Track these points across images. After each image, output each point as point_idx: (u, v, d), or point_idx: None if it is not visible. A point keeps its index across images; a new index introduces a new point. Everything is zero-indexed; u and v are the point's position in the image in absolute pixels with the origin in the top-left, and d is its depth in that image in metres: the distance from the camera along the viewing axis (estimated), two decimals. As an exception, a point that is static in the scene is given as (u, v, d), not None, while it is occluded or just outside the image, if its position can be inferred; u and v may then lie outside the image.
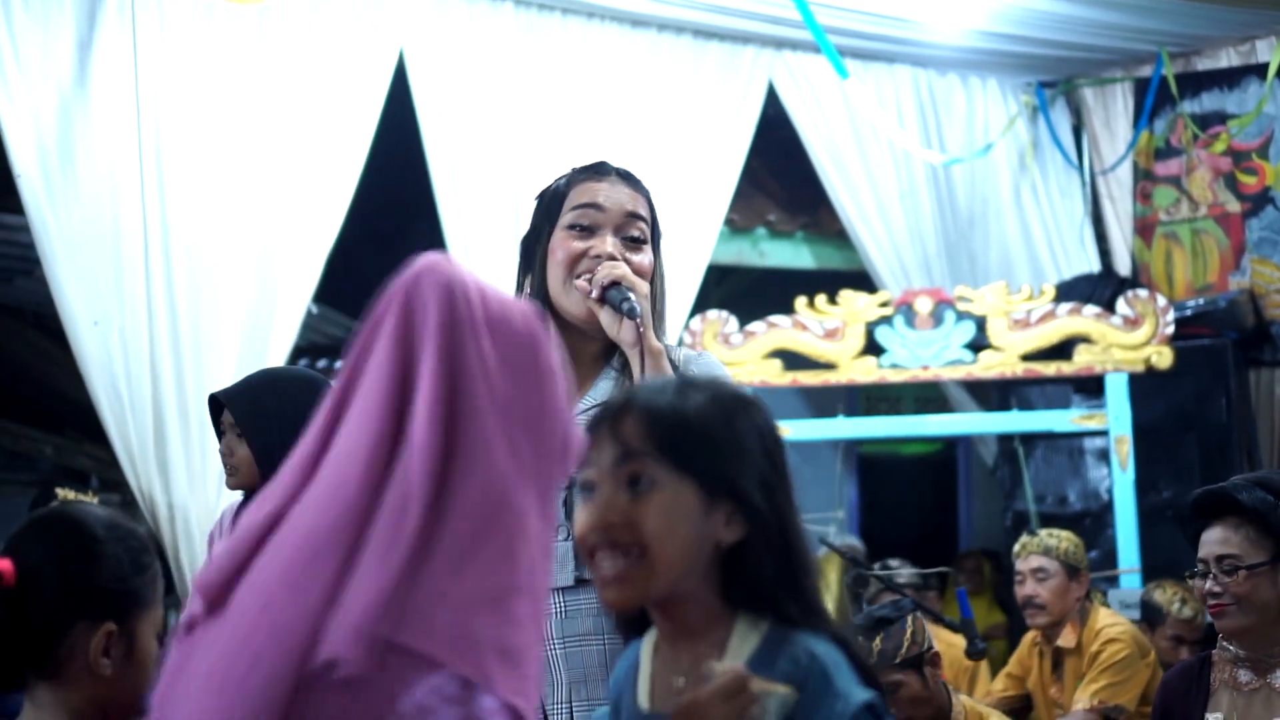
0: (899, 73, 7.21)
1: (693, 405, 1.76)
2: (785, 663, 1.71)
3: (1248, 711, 3.13)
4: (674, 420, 1.74)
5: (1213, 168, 7.12)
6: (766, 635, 1.74)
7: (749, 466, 1.75)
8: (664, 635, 1.82)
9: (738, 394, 1.83)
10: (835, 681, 1.69)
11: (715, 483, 1.73)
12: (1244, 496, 3.16)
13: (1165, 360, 6.37)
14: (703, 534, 1.72)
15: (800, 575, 1.76)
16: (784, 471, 1.79)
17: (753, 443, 1.76)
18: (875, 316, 6.53)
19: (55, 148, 5.07)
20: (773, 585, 1.74)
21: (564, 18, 6.24)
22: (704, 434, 1.74)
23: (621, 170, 2.75)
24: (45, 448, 8.71)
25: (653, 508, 1.71)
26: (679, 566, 1.72)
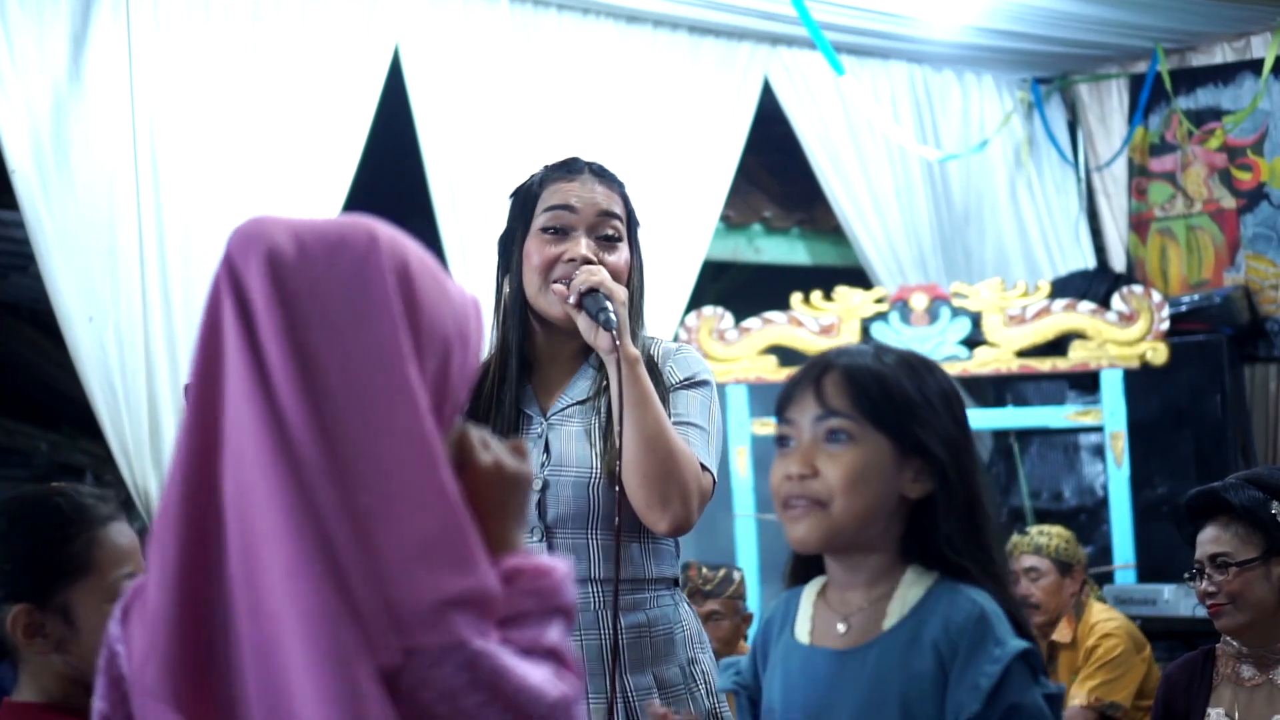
0: (894, 69, 7.20)
1: (889, 367, 1.90)
2: (946, 608, 1.83)
3: (1250, 706, 3.14)
4: (873, 379, 1.88)
5: (1208, 164, 7.12)
6: (931, 587, 1.87)
7: (937, 425, 1.88)
8: (835, 581, 1.95)
9: (924, 358, 1.97)
10: (995, 629, 1.80)
11: (907, 440, 1.87)
12: (1232, 496, 3.18)
13: (1160, 356, 6.38)
14: (891, 488, 1.86)
15: (980, 532, 1.88)
16: (968, 431, 1.94)
17: (940, 403, 1.90)
18: (871, 313, 6.53)
19: (50, 143, 5.06)
20: (950, 539, 1.86)
21: (559, 14, 6.24)
22: (899, 393, 1.88)
23: (594, 166, 2.74)
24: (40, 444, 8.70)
25: (849, 461, 1.85)
26: (864, 518, 1.86)
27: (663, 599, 2.69)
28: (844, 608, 1.92)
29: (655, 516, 2.54)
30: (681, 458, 2.54)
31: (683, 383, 2.69)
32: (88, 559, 2.11)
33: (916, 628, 1.83)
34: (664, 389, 2.64)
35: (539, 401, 2.68)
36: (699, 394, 2.69)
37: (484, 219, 5.87)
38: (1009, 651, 1.77)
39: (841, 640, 1.90)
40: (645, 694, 2.60)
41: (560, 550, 2.58)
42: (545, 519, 2.59)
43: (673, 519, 2.55)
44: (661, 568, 2.69)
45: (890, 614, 1.86)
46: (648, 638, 2.64)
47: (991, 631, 1.79)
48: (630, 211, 2.76)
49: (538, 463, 2.61)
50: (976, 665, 1.77)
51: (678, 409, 2.64)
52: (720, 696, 2.73)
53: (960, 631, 1.80)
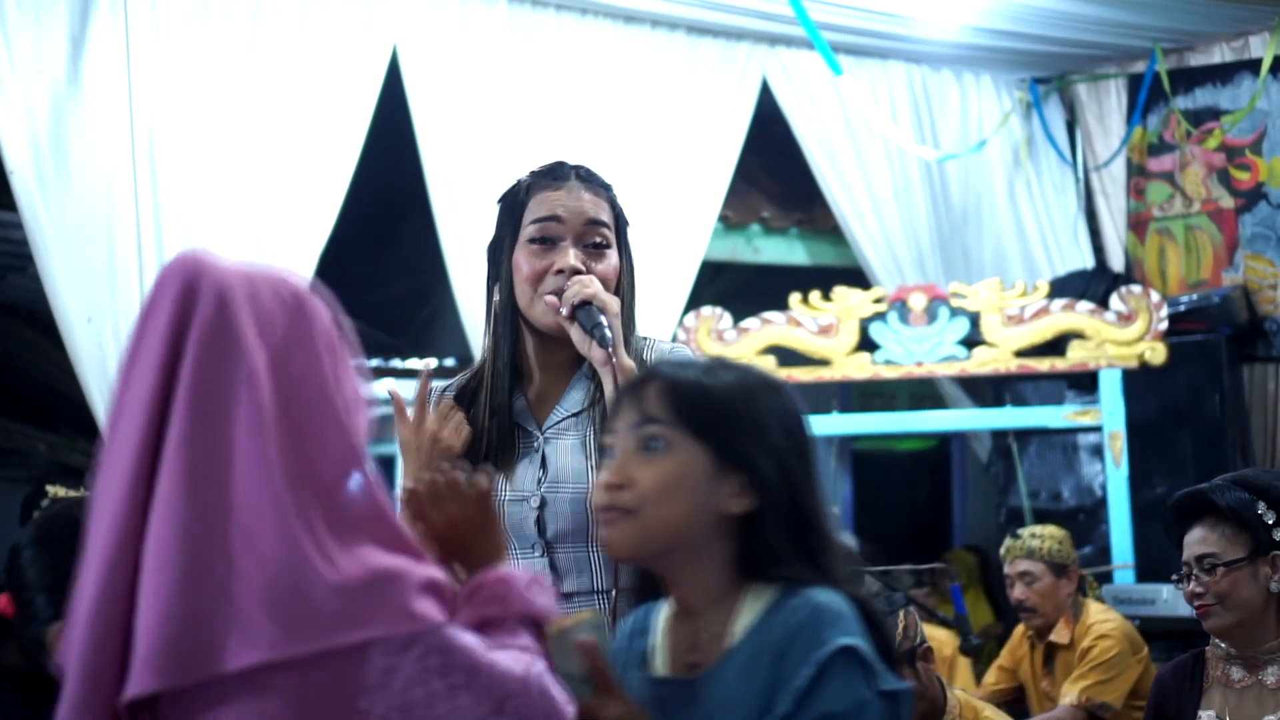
0: (893, 69, 7.20)
1: (715, 378, 1.84)
2: (786, 614, 1.76)
3: (1240, 708, 3.14)
4: (694, 389, 1.83)
5: (1206, 163, 7.12)
6: (773, 599, 1.79)
7: (764, 443, 1.81)
8: (679, 607, 1.88)
9: (765, 377, 1.90)
10: (823, 627, 1.72)
11: (727, 453, 1.80)
12: (1218, 497, 3.18)
13: (1159, 356, 6.37)
14: (708, 500, 1.79)
15: (815, 550, 1.81)
16: (805, 454, 1.86)
17: (772, 422, 1.84)
18: (869, 313, 6.53)
19: (48, 144, 5.06)
20: (780, 555, 1.79)
21: (558, 14, 6.24)
22: (721, 404, 1.82)
23: (581, 171, 2.72)
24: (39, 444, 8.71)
25: (660, 469, 1.80)
26: (678, 527, 1.79)
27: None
28: (693, 637, 1.85)
29: None
30: None
31: None
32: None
33: (761, 640, 1.76)
34: None
35: (534, 414, 2.67)
36: None
37: (482, 219, 5.84)
38: (828, 649, 1.70)
39: (693, 670, 1.83)
40: None
41: (562, 564, 2.58)
42: (545, 535, 2.58)
43: None
44: None
45: (734, 633, 1.79)
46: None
47: (819, 629, 1.72)
48: (619, 214, 2.74)
49: (534, 479, 2.60)
50: (796, 665, 1.71)
51: None
52: None
53: (794, 632, 1.73)
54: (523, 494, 2.58)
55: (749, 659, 1.76)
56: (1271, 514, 3.15)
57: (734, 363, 1.93)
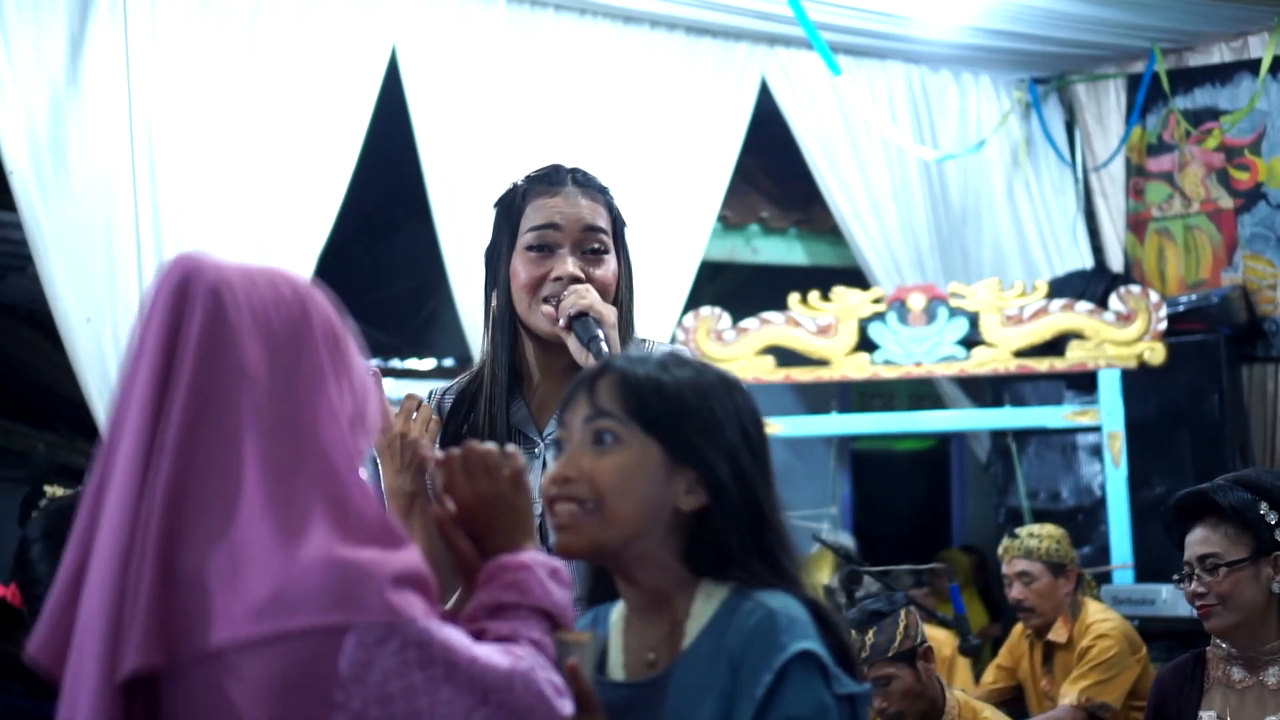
0: (892, 69, 7.21)
1: (668, 373, 1.83)
2: (740, 617, 1.74)
3: (1240, 709, 3.14)
4: (646, 384, 1.81)
5: (1205, 164, 7.13)
6: (726, 599, 1.77)
7: (717, 440, 1.80)
8: (632, 607, 1.87)
9: (722, 374, 1.88)
10: (780, 632, 1.71)
11: (680, 449, 1.79)
12: (1220, 497, 3.18)
13: (1158, 356, 6.38)
14: (661, 495, 1.78)
15: (768, 547, 1.80)
16: (760, 454, 1.84)
17: (727, 419, 1.82)
18: (868, 313, 6.53)
19: (47, 144, 5.07)
20: (729, 552, 1.78)
21: (556, 14, 6.24)
22: (674, 400, 1.81)
23: (578, 175, 2.71)
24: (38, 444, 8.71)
25: (612, 463, 1.78)
26: (632, 522, 1.78)
27: None
28: (647, 637, 1.84)
29: None
30: None
31: None
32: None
33: (716, 641, 1.74)
34: None
35: (535, 420, 2.67)
36: None
37: (481, 219, 5.84)
38: (786, 654, 1.68)
39: (649, 671, 1.82)
40: None
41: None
42: (548, 542, 2.59)
43: None
44: None
45: (688, 633, 1.78)
46: None
47: (775, 634, 1.71)
48: (616, 217, 2.73)
49: (537, 486, 2.60)
50: (755, 671, 1.69)
51: None
52: None
53: (749, 637, 1.71)
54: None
55: (705, 661, 1.75)
56: (1274, 514, 3.14)
57: (690, 359, 1.92)
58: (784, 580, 1.79)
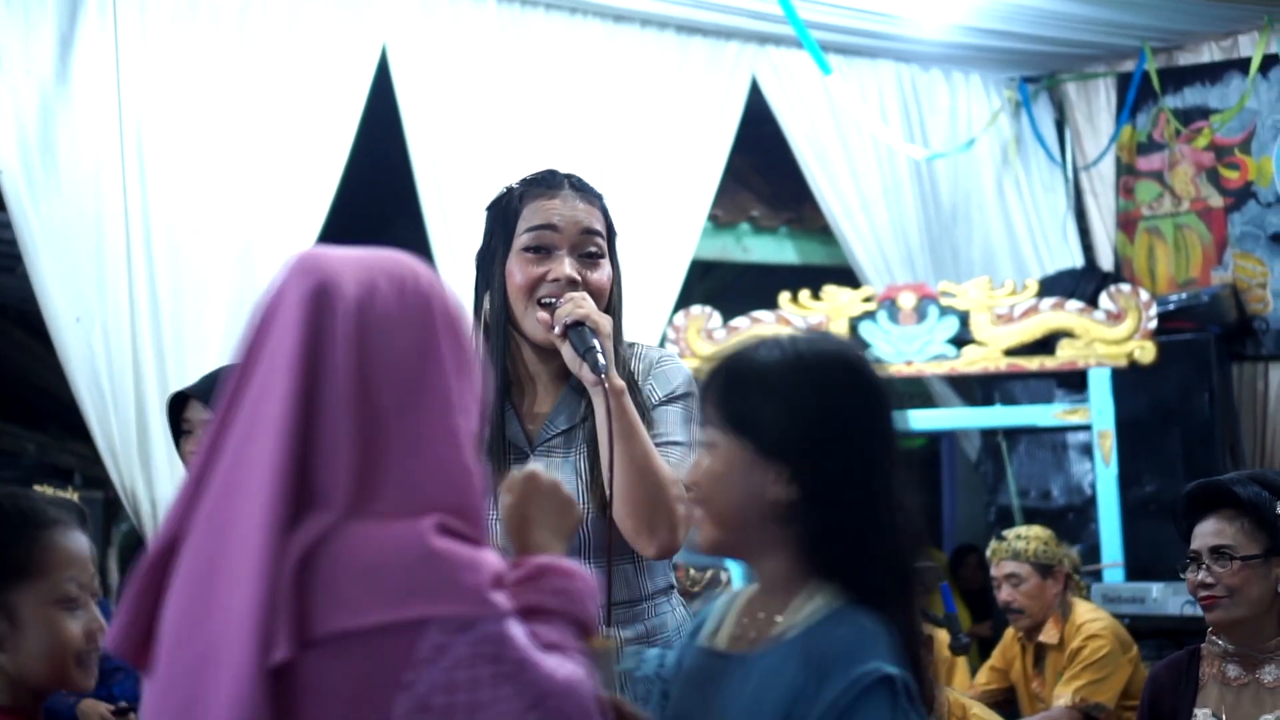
0: (882, 68, 7.21)
1: (753, 365, 1.86)
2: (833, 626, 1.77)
3: (1236, 706, 3.13)
4: (730, 380, 1.86)
5: (1195, 163, 7.13)
6: (826, 602, 1.80)
7: (795, 426, 1.80)
8: (759, 586, 1.91)
9: (821, 355, 1.87)
10: (864, 652, 1.73)
11: (764, 443, 1.81)
12: (1240, 490, 3.16)
13: (1148, 355, 6.38)
14: (752, 491, 1.81)
15: (858, 543, 1.80)
16: (859, 437, 1.82)
17: (813, 403, 1.82)
18: (859, 312, 6.54)
19: (37, 143, 5.05)
20: (816, 546, 1.80)
21: (547, 13, 6.23)
22: (754, 392, 1.83)
23: (574, 180, 2.71)
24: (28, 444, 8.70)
25: (709, 468, 1.84)
26: (727, 523, 1.84)
27: (660, 607, 2.70)
28: (755, 614, 1.89)
29: (644, 543, 2.55)
30: (668, 486, 2.54)
31: (664, 399, 2.67)
32: (33, 561, 2.12)
33: (808, 640, 1.77)
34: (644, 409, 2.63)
35: (524, 429, 2.67)
36: (680, 408, 2.68)
37: (472, 219, 5.84)
38: (867, 675, 1.71)
39: (743, 645, 1.87)
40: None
41: None
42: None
43: (660, 545, 2.55)
44: (656, 581, 2.70)
45: (791, 625, 1.81)
46: (647, 647, 2.64)
47: (859, 654, 1.73)
48: (610, 224, 2.74)
49: None
50: (834, 685, 1.71)
51: (659, 427, 2.63)
52: None
53: (836, 650, 1.74)
54: None
55: (790, 655, 1.78)
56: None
57: (787, 341, 1.89)
58: (875, 590, 1.79)
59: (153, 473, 5.14)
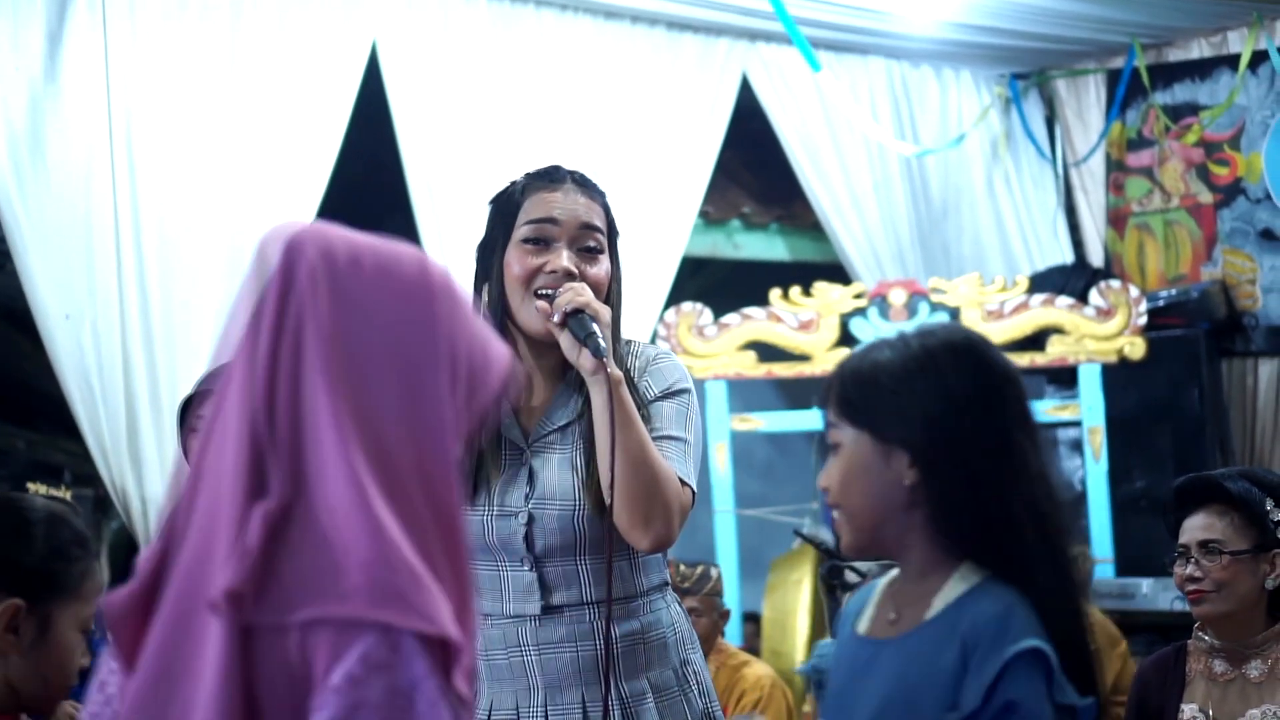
0: (872, 64, 7.21)
1: (869, 360, 1.90)
2: (978, 605, 1.81)
3: (1223, 702, 3.14)
4: (849, 377, 1.91)
5: (1185, 159, 7.15)
6: (977, 584, 1.83)
7: (911, 412, 1.84)
8: (904, 576, 1.95)
9: (932, 341, 1.90)
10: (1012, 627, 1.77)
11: (883, 431, 1.86)
12: (1230, 485, 3.16)
13: (1138, 351, 6.40)
14: (885, 481, 1.86)
15: (997, 521, 1.83)
16: (975, 415, 1.85)
17: (923, 385, 1.85)
18: (850, 308, 6.54)
19: (26, 141, 5.04)
20: (949, 529, 1.84)
21: (537, 10, 6.23)
22: (870, 384, 1.87)
23: (577, 176, 2.71)
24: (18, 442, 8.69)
25: (838, 468, 1.90)
26: (867, 517, 1.88)
27: (655, 604, 2.69)
28: (898, 599, 1.94)
29: (638, 535, 2.54)
30: (664, 478, 2.54)
31: (660, 394, 2.68)
32: (81, 584, 2.16)
33: (953, 622, 1.81)
34: (641, 403, 2.63)
35: (520, 424, 2.66)
36: (676, 403, 2.67)
37: (462, 215, 5.86)
38: (1016, 648, 1.75)
39: (888, 630, 1.92)
40: (640, 699, 2.61)
41: (551, 578, 2.58)
42: (534, 550, 2.58)
43: (655, 538, 2.55)
44: (650, 578, 2.70)
45: (934, 606, 1.85)
46: (641, 644, 2.64)
47: (1008, 629, 1.77)
48: (611, 222, 2.74)
49: (522, 495, 2.59)
50: (986, 662, 1.76)
51: (656, 422, 2.63)
52: (712, 695, 2.74)
53: (984, 627, 1.78)
54: (510, 510, 2.57)
55: (940, 637, 1.82)
56: (1278, 512, 3.14)
57: (900, 337, 1.93)
58: (1015, 565, 1.82)
59: (143, 470, 5.14)
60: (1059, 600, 1.83)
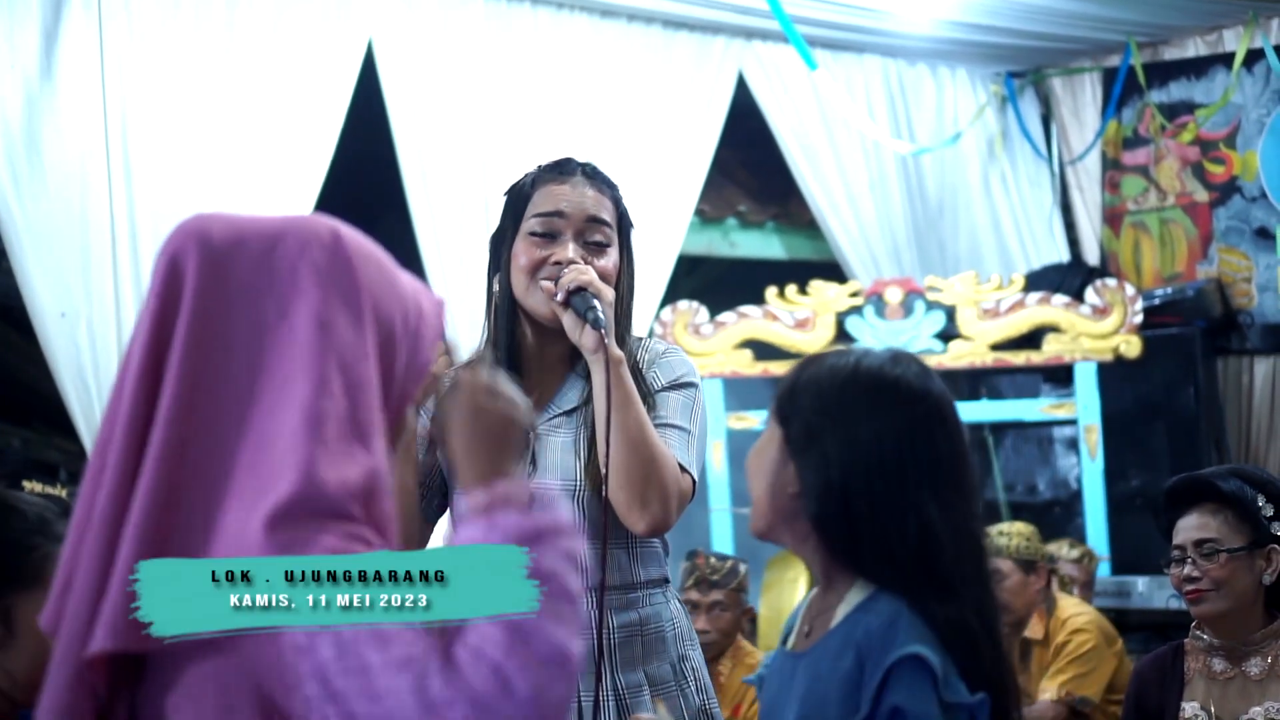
0: (868, 63, 7.21)
1: (813, 369, 1.95)
2: (870, 615, 1.85)
3: (1223, 700, 3.14)
4: (791, 376, 1.97)
5: (1180, 157, 7.15)
6: (870, 594, 1.88)
7: (821, 439, 1.89)
8: (817, 586, 2.01)
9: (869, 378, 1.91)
10: (898, 635, 1.81)
11: (789, 440, 1.91)
12: (1222, 484, 3.17)
13: (1134, 349, 6.40)
14: (779, 482, 1.92)
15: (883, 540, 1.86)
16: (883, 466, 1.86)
17: (834, 425, 1.88)
18: (845, 306, 6.54)
19: (21, 139, 5.03)
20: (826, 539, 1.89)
21: (533, 8, 6.23)
22: (796, 392, 1.93)
23: (588, 168, 2.74)
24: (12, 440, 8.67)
25: (755, 447, 1.97)
26: (763, 507, 1.94)
27: (654, 597, 2.70)
28: (811, 611, 1.99)
29: (634, 517, 2.55)
30: (662, 460, 2.54)
31: (667, 385, 2.69)
32: (40, 573, 2.09)
33: (849, 631, 1.86)
34: (647, 393, 2.64)
35: None
36: (682, 395, 2.69)
37: (458, 213, 5.86)
38: (896, 655, 1.79)
39: (803, 643, 1.97)
40: (637, 691, 2.61)
41: None
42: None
43: (651, 520, 2.55)
44: (650, 570, 2.70)
45: (837, 616, 1.90)
46: (639, 636, 2.64)
47: (894, 637, 1.81)
48: (622, 214, 2.76)
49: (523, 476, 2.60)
50: (875, 669, 1.80)
51: (660, 411, 2.64)
52: (710, 692, 2.75)
53: (874, 635, 1.82)
54: None
55: (838, 648, 1.86)
56: (1270, 507, 3.15)
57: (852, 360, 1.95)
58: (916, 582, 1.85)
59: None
60: (951, 608, 1.84)
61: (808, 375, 1.93)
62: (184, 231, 1.60)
